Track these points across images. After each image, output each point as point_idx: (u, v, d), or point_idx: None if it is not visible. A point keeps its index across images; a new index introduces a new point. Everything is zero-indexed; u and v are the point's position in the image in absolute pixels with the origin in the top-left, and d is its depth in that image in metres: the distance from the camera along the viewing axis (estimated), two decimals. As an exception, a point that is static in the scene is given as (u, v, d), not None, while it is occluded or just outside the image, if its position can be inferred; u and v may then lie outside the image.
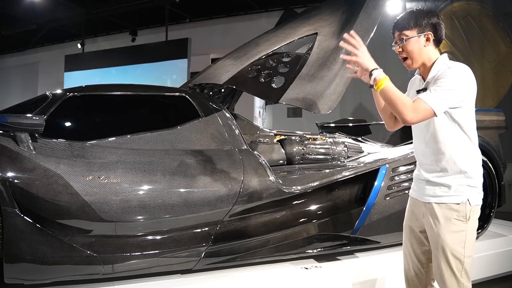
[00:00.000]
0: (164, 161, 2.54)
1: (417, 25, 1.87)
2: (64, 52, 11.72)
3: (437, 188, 1.88)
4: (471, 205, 1.83)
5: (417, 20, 1.87)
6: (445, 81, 1.76)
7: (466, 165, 1.85)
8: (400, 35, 1.89)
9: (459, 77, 1.78)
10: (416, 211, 2.00)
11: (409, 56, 1.90)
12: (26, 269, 2.19)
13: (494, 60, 6.50)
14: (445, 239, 1.83)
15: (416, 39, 1.87)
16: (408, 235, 2.07)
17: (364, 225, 3.01)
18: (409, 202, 2.08)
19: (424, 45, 1.88)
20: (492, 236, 3.64)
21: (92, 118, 2.87)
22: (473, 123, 1.89)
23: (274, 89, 2.81)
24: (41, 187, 2.21)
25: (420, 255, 2.02)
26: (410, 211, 2.06)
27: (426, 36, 1.87)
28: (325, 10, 3.29)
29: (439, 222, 1.84)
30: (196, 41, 9.50)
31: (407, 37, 1.87)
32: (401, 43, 1.89)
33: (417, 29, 1.87)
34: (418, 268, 2.03)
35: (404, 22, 1.89)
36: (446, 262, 1.83)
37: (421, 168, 1.97)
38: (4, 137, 2.30)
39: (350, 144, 3.83)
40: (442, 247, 1.83)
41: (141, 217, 2.41)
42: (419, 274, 2.04)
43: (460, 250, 1.82)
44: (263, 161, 2.81)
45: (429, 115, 1.76)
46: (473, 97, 1.86)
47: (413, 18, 1.88)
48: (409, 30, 1.87)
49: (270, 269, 2.78)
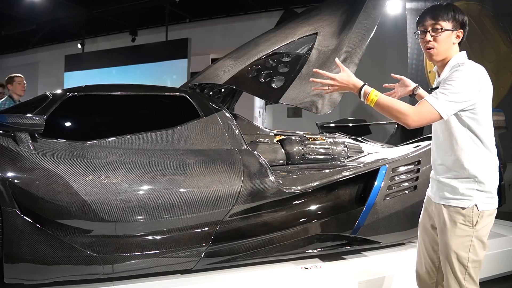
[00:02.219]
0: (164, 161, 2.54)
1: (454, 19, 1.81)
2: (64, 52, 11.72)
3: (446, 189, 1.87)
4: (479, 210, 1.80)
5: (455, 14, 1.82)
6: (453, 83, 1.72)
7: (476, 170, 1.81)
8: (435, 24, 1.81)
9: (468, 80, 1.73)
10: (429, 210, 2.00)
11: (436, 47, 1.83)
12: (26, 269, 2.19)
13: (494, 60, 6.50)
14: (450, 242, 1.82)
15: (449, 33, 1.82)
16: (422, 233, 2.06)
17: (364, 225, 3.01)
18: (425, 199, 2.08)
19: (453, 42, 1.84)
20: (492, 236, 3.61)
21: (92, 118, 2.87)
22: (487, 127, 1.83)
23: (274, 89, 2.81)
24: (41, 187, 2.21)
25: (432, 254, 2.01)
26: (424, 208, 2.06)
27: (457, 34, 1.84)
28: (325, 10, 3.29)
29: (445, 224, 1.84)
30: (196, 41, 9.50)
31: (442, 28, 1.80)
32: (434, 33, 1.81)
33: (453, 24, 1.82)
34: (430, 267, 2.02)
35: (441, 12, 1.81)
36: (450, 265, 1.83)
37: (433, 168, 1.97)
38: (4, 137, 2.30)
39: (350, 144, 3.83)
40: (447, 250, 1.83)
41: (141, 217, 2.41)
42: (430, 272, 2.03)
43: (464, 255, 1.80)
44: (263, 161, 2.81)
45: (435, 118, 1.73)
46: (486, 100, 1.80)
47: (451, 11, 1.82)
48: (446, 21, 1.81)
49: (270, 269, 2.78)
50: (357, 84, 1.83)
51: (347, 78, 1.85)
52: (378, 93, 1.80)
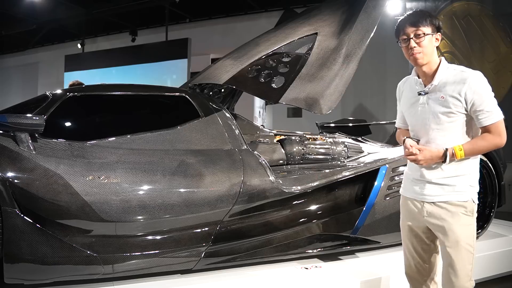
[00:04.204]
0: (164, 161, 2.54)
1: (432, 23, 1.90)
2: (64, 52, 11.71)
3: (441, 188, 1.92)
4: (474, 202, 1.92)
5: (431, 19, 1.90)
6: (484, 93, 1.84)
7: (470, 167, 1.92)
8: (417, 31, 1.88)
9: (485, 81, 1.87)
10: (414, 211, 2.00)
11: (422, 51, 1.90)
12: (26, 269, 2.19)
13: (494, 60, 6.50)
14: (458, 232, 1.88)
15: (430, 37, 1.89)
16: (408, 234, 2.08)
17: (364, 225, 3.01)
18: (402, 202, 2.10)
19: (434, 45, 1.92)
20: (492, 236, 3.64)
21: (92, 118, 2.87)
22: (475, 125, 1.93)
23: (274, 89, 2.81)
24: (41, 187, 2.21)
25: (422, 252, 2.05)
26: (406, 210, 2.07)
27: (436, 37, 1.92)
28: (325, 10, 3.29)
29: (446, 219, 1.89)
30: (196, 41, 9.49)
31: (424, 33, 1.88)
32: (417, 39, 1.88)
33: (432, 28, 1.90)
34: (420, 265, 2.06)
35: (420, 18, 1.90)
36: (459, 255, 1.88)
37: (422, 169, 1.97)
38: (4, 137, 2.30)
39: (350, 144, 3.83)
40: (456, 241, 1.88)
41: (141, 217, 2.41)
42: (421, 270, 2.07)
43: (472, 243, 1.90)
44: (263, 161, 2.81)
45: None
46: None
47: (428, 17, 1.91)
48: (425, 27, 1.88)
49: (270, 269, 2.77)
50: (440, 154, 1.88)
51: (430, 154, 1.89)
52: (461, 146, 1.87)
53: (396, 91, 2.16)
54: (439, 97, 1.88)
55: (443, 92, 1.87)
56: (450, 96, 1.85)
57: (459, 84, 1.84)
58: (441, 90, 1.88)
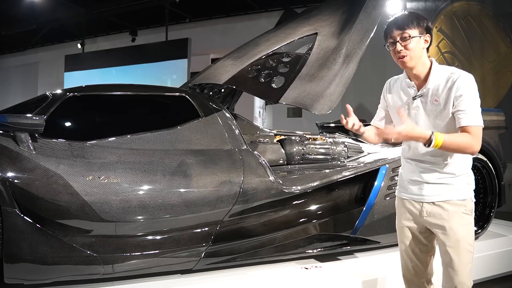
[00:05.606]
0: (164, 161, 2.54)
1: (418, 25, 1.88)
2: (64, 52, 11.72)
3: (440, 187, 1.91)
4: (472, 200, 1.94)
5: (418, 21, 1.88)
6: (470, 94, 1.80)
7: (466, 167, 1.94)
8: (403, 34, 1.87)
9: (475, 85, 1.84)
10: (413, 212, 2.00)
11: (408, 54, 1.88)
12: (26, 269, 2.19)
13: (494, 60, 6.50)
14: (458, 231, 1.88)
15: (417, 39, 1.88)
16: (405, 235, 2.06)
17: (364, 225, 3.01)
18: (399, 203, 2.08)
19: (422, 47, 1.90)
20: (492, 236, 3.64)
21: (92, 118, 2.87)
22: None
23: (274, 89, 2.81)
24: (41, 187, 2.21)
25: (419, 253, 2.04)
26: (402, 212, 2.06)
27: (425, 39, 1.90)
28: (325, 10, 3.29)
29: (446, 218, 1.89)
30: (196, 41, 9.49)
31: (410, 36, 1.86)
32: (403, 42, 1.87)
33: (419, 30, 1.88)
34: (418, 266, 2.05)
35: (405, 21, 1.88)
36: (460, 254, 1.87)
37: (418, 170, 1.97)
38: (4, 137, 2.30)
39: (350, 144, 3.83)
40: (457, 240, 1.88)
41: (141, 217, 2.41)
42: (418, 272, 2.06)
43: (471, 243, 1.90)
44: (263, 161, 2.81)
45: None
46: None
47: (414, 19, 1.88)
48: (412, 29, 1.87)
49: (270, 269, 2.78)
50: (426, 135, 1.78)
51: (412, 131, 1.79)
52: (441, 134, 1.78)
53: (384, 88, 2.14)
54: (433, 100, 1.88)
55: (436, 95, 1.86)
56: (443, 99, 1.85)
57: (450, 87, 1.83)
58: (435, 93, 1.87)
